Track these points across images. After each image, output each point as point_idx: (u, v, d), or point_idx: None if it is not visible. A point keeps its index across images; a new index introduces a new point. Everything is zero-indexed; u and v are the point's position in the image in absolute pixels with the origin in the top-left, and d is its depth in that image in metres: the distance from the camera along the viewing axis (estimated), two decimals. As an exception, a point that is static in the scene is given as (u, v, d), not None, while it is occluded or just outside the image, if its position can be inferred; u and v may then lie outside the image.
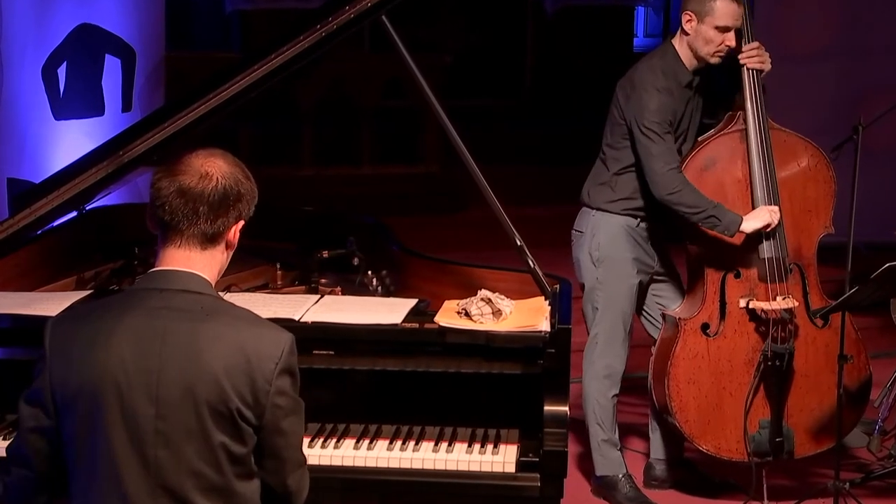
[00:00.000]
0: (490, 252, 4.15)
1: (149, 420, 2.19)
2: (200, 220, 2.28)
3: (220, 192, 2.29)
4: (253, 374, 2.22)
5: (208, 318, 2.25)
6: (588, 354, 4.32)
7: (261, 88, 3.25)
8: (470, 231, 6.60)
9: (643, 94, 4.08)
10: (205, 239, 2.30)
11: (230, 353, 2.22)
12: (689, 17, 4.10)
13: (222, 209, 2.30)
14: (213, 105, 3.24)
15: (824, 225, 4.25)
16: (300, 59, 3.23)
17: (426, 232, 6.33)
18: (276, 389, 2.24)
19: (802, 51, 6.79)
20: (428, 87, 3.26)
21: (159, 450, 2.19)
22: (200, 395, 2.19)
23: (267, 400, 2.23)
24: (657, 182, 4.05)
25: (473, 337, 3.00)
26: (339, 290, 3.53)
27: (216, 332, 2.23)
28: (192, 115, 3.24)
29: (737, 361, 4.17)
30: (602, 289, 4.25)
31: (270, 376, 2.23)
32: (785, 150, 4.20)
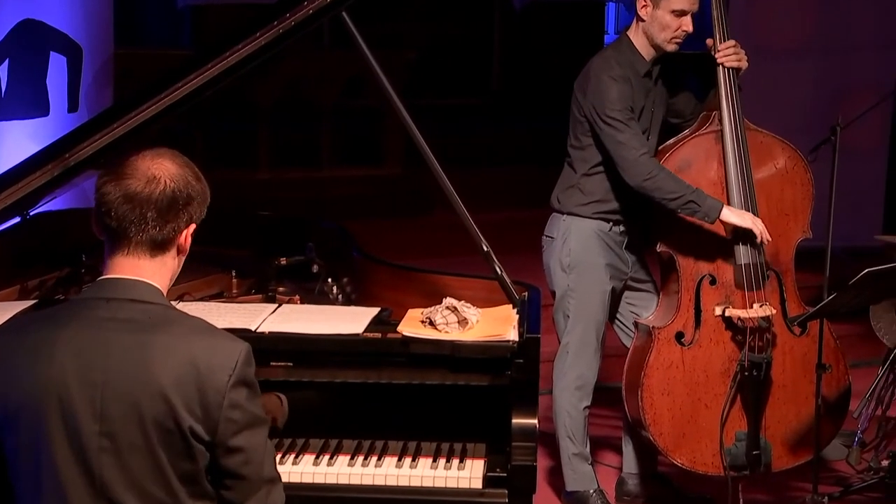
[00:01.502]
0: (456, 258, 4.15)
1: (93, 436, 2.18)
2: (149, 226, 2.27)
3: (168, 196, 2.28)
4: (204, 388, 2.20)
5: (157, 328, 2.23)
6: (558, 365, 4.34)
7: (215, 87, 3.24)
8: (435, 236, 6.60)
9: (600, 85, 4.09)
10: (154, 245, 2.29)
11: (180, 366, 2.20)
12: (644, 2, 4.13)
13: (172, 213, 2.29)
14: (165, 105, 3.22)
15: (802, 229, 4.29)
16: (256, 57, 3.22)
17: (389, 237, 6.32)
18: (230, 402, 2.22)
19: (779, 47, 6.84)
20: (390, 86, 3.26)
21: (104, 467, 2.18)
22: (147, 410, 2.18)
23: (219, 414, 2.21)
24: (630, 170, 4.06)
25: (438, 347, 3.01)
26: (298, 298, 3.52)
27: (165, 344, 2.22)
28: (143, 115, 3.22)
29: (712, 371, 4.20)
30: (573, 296, 4.27)
31: (223, 389, 2.21)
32: (761, 151, 4.24)
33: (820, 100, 6.80)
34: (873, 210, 7.03)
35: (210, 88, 3.24)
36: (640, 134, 4.11)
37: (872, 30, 6.98)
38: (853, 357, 4.89)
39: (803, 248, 4.31)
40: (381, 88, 3.26)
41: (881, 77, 6.87)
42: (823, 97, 6.81)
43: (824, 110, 6.47)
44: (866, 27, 6.96)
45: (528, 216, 5.75)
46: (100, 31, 5.98)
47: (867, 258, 4.57)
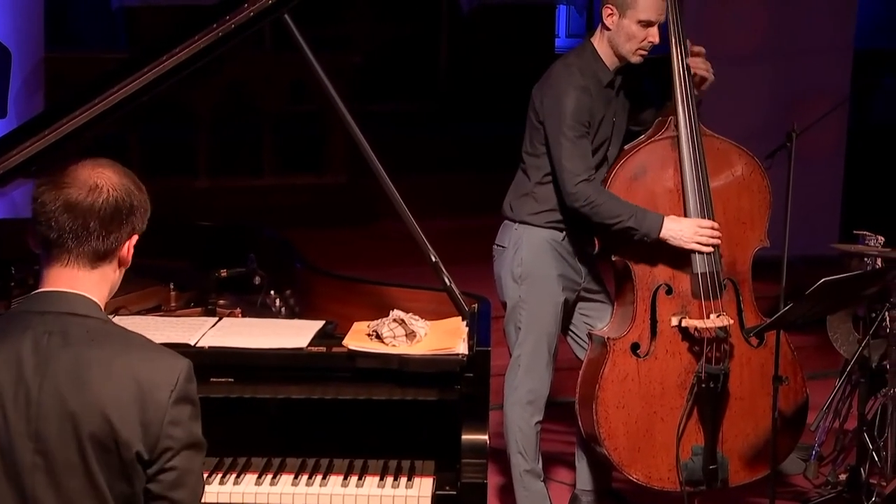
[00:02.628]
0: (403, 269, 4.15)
1: (27, 454, 2.16)
2: (91, 236, 2.25)
3: (111, 206, 2.26)
4: (144, 405, 2.19)
5: (95, 343, 2.21)
6: (510, 378, 4.34)
7: (152, 92, 3.22)
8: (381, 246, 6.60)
9: (558, 95, 4.11)
10: (96, 257, 2.27)
11: (119, 383, 2.19)
12: (610, 10, 4.15)
13: (115, 224, 2.27)
14: (100, 111, 3.20)
15: (760, 237, 4.33)
16: (195, 61, 3.21)
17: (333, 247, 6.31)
18: (171, 419, 2.21)
19: (734, 52, 6.91)
20: (335, 91, 3.26)
21: (37, 486, 2.16)
22: (84, 428, 2.16)
23: (160, 431, 2.20)
24: (569, 196, 4.09)
25: (385, 361, 3.00)
26: (239, 311, 3.50)
27: (104, 360, 2.20)
28: (76, 121, 3.19)
29: (669, 384, 4.23)
30: (525, 307, 4.28)
31: (165, 405, 2.20)
32: (718, 157, 4.27)
33: (775, 105, 6.87)
34: (830, 218, 7.11)
35: (146, 93, 3.22)
36: (588, 154, 4.12)
37: (827, 33, 7.07)
38: (810, 369, 4.95)
39: (760, 258, 4.35)
40: (325, 93, 3.26)
41: (837, 82, 6.97)
42: (779, 103, 6.88)
43: (780, 116, 6.54)
44: (821, 31, 7.05)
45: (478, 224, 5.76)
46: (29, 34, 5.92)
47: (824, 267, 4.62)
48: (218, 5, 3.22)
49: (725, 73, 6.79)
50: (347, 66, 7.84)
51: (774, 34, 6.99)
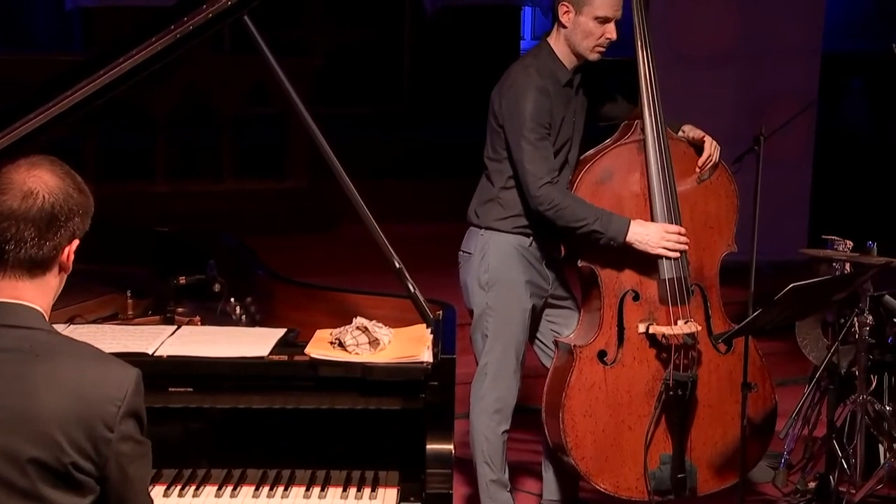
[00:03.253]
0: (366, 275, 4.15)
1: None
2: (27, 244, 2.21)
3: (47, 212, 2.22)
4: (91, 422, 2.16)
5: (40, 357, 2.17)
6: (476, 387, 4.35)
7: (108, 95, 3.21)
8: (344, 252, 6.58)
9: (517, 97, 4.12)
10: (34, 265, 2.23)
11: (65, 398, 2.15)
12: (566, 8, 4.17)
13: (52, 230, 2.23)
14: (54, 114, 3.18)
15: (727, 243, 4.36)
16: (153, 63, 3.20)
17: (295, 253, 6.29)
18: (120, 435, 2.18)
19: (701, 54, 6.95)
20: (295, 94, 3.26)
21: None
22: (28, 447, 2.12)
23: (109, 449, 2.17)
24: (533, 199, 4.10)
25: (348, 369, 3.00)
26: (198, 319, 3.49)
27: (49, 375, 2.16)
28: (30, 125, 3.17)
29: (636, 392, 4.24)
30: (492, 314, 4.28)
31: (112, 422, 2.17)
32: (685, 161, 4.30)
33: (743, 108, 6.92)
34: (798, 222, 7.16)
35: (103, 96, 3.20)
36: (550, 156, 4.14)
37: (795, 36, 7.12)
38: (779, 375, 4.98)
39: (728, 263, 4.38)
40: (286, 96, 3.26)
41: (804, 84, 7.02)
42: (746, 106, 6.93)
43: (747, 119, 6.59)
44: (789, 33, 7.11)
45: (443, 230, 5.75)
46: (-19, 35, 5.88)
47: (793, 273, 4.65)
48: (176, 6, 3.21)
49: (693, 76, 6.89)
50: (309, 68, 7.82)
51: (742, 36, 7.04)
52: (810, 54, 7.16)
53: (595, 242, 4.13)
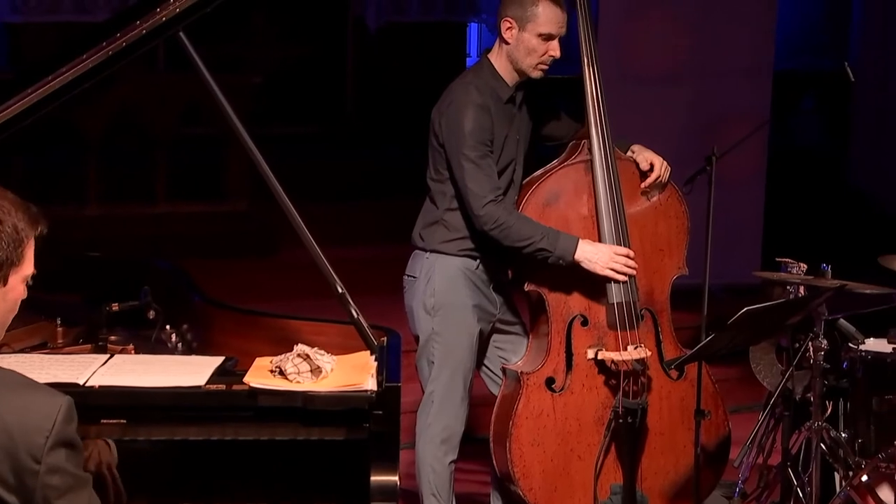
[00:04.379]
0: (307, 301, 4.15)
1: None
2: None
3: None
4: (16, 453, 2.13)
5: None
6: (422, 415, 4.35)
7: (36, 115, 3.19)
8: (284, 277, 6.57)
9: (457, 115, 4.14)
10: None
11: None
12: (508, 24, 4.20)
13: None
14: (-22, 134, 3.16)
15: (678, 265, 4.39)
16: (84, 81, 3.19)
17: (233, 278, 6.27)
18: (48, 467, 2.16)
19: (650, 74, 7.02)
20: (233, 113, 3.26)
21: None
22: None
23: (36, 482, 2.15)
24: (478, 218, 4.12)
25: (289, 399, 2.99)
26: (132, 348, 3.47)
27: None
28: (-46, 145, 3.15)
29: (585, 420, 4.26)
30: (439, 340, 4.29)
31: (39, 453, 2.15)
32: (633, 182, 4.33)
33: (694, 128, 6.98)
34: (751, 245, 7.23)
35: (31, 116, 3.19)
36: (493, 174, 4.16)
37: (746, 54, 7.21)
38: (732, 402, 5.02)
39: (679, 286, 4.41)
40: (224, 116, 3.26)
41: (756, 104, 7.11)
42: (697, 125, 7.00)
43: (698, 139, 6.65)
44: (740, 52, 7.19)
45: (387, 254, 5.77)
46: None
47: (746, 296, 4.69)
48: (108, 22, 3.21)
49: (643, 95, 6.96)
50: (247, 86, 7.81)
51: (692, 55, 7.11)
52: (761, 73, 7.25)
53: (543, 262, 4.15)
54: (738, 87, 7.17)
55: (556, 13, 4.16)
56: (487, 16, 10.01)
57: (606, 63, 4.37)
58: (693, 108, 7.12)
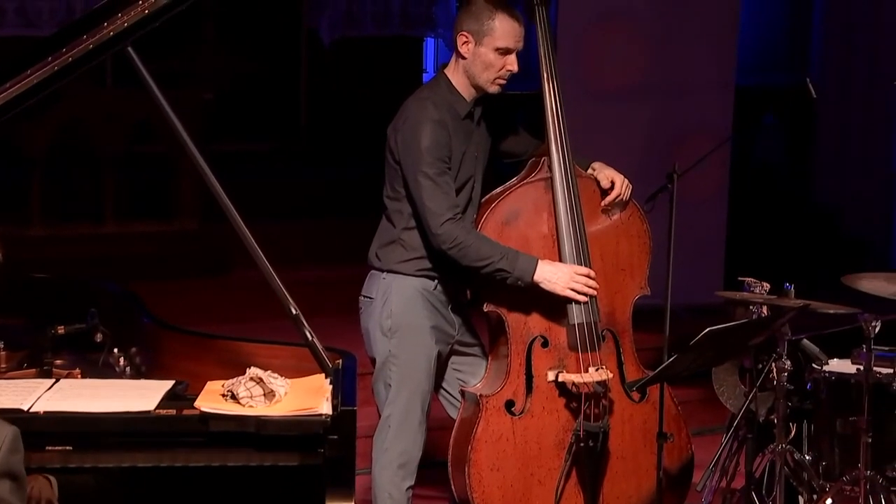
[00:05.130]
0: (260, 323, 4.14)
1: None
2: None
3: None
4: None
5: None
6: (379, 440, 4.34)
7: (-22, 132, 3.18)
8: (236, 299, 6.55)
9: (413, 131, 4.15)
10: None
11: None
12: (465, 38, 4.21)
13: None
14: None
15: (640, 285, 4.41)
16: (27, 98, 3.17)
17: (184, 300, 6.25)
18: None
19: (610, 89, 7.06)
20: (183, 129, 3.25)
21: None
22: None
23: None
24: (435, 238, 4.13)
25: (242, 423, 2.98)
26: (79, 372, 3.45)
27: None
28: None
29: (546, 443, 4.27)
30: (396, 363, 4.28)
31: None
32: (594, 200, 4.35)
33: (655, 145, 7.03)
34: (714, 264, 7.28)
35: (-27, 132, 3.17)
36: (451, 192, 4.16)
37: (708, 70, 7.27)
38: (695, 424, 5.05)
39: (641, 307, 4.43)
40: (173, 132, 3.25)
41: (718, 120, 7.16)
42: (659, 142, 7.04)
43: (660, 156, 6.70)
44: (702, 68, 7.25)
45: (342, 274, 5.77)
46: None
47: (708, 316, 4.72)
48: (54, 36, 3.20)
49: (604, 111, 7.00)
50: (197, 102, 7.78)
51: (653, 71, 7.16)
52: (723, 89, 7.31)
53: (501, 283, 4.16)
54: (700, 104, 7.23)
55: (514, 27, 4.18)
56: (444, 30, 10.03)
57: (566, 78, 4.39)
58: (654, 125, 7.17)
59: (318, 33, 9.99)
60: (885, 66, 8.69)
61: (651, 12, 7.14)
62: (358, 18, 10.01)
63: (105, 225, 7.94)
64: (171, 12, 3.26)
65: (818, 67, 9.20)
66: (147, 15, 3.23)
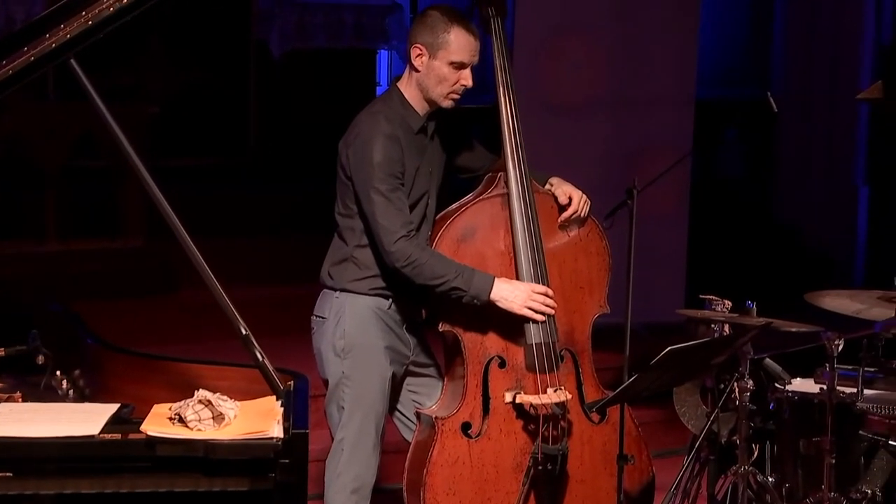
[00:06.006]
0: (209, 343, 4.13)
1: None
2: None
3: None
4: None
5: None
6: (332, 464, 4.33)
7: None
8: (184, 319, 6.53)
9: (364, 146, 4.15)
10: None
11: None
12: (419, 50, 4.22)
13: None
14: None
15: (599, 304, 4.43)
16: (-33, 111, 3.15)
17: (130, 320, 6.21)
18: None
19: (570, 102, 7.10)
20: (129, 144, 3.24)
21: None
22: None
23: None
24: (388, 255, 4.13)
25: (190, 448, 2.97)
26: (19, 395, 3.42)
27: None
28: None
29: (503, 467, 4.27)
30: (349, 384, 4.27)
31: None
32: (552, 217, 4.36)
33: (614, 160, 7.07)
34: (675, 281, 7.33)
35: None
36: (405, 208, 4.17)
37: (668, 84, 7.32)
38: (656, 446, 5.06)
39: (600, 326, 4.44)
40: (118, 147, 3.23)
41: (678, 135, 7.21)
42: (618, 157, 7.09)
43: (619, 171, 6.74)
44: (662, 81, 7.30)
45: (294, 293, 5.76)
46: None
47: (669, 335, 4.75)
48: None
49: (562, 126, 7.04)
50: (143, 116, 7.76)
51: (612, 84, 7.21)
52: (683, 102, 7.37)
53: (457, 302, 4.16)
54: (660, 117, 7.28)
55: (469, 41, 4.19)
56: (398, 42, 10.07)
57: (523, 92, 4.41)
58: (613, 139, 7.21)
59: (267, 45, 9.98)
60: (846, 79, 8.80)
61: (610, 24, 7.19)
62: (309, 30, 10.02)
63: (47, 243, 7.89)
64: (116, 24, 3.25)
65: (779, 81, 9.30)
66: (91, 26, 3.22)
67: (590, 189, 4.43)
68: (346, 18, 10.12)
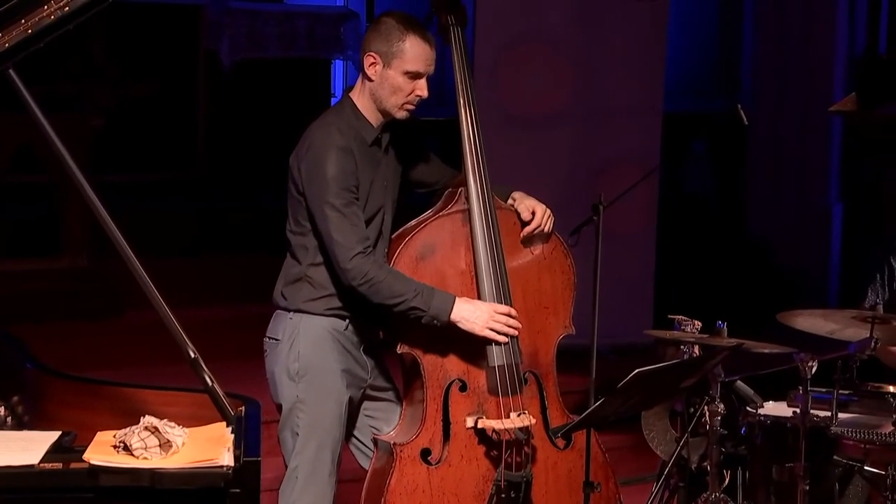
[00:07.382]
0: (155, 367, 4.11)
1: None
2: None
3: None
4: None
5: None
6: (285, 493, 4.31)
7: None
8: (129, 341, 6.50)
9: (317, 160, 4.15)
10: None
11: None
12: (372, 59, 4.22)
13: None
14: None
15: (563, 324, 4.43)
16: None
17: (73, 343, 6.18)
18: None
19: (532, 114, 7.11)
20: (70, 158, 3.23)
21: None
22: None
23: None
24: (345, 273, 4.12)
25: (135, 477, 2.96)
26: (-45, 423, 3.40)
27: None
28: None
29: (464, 494, 4.27)
30: (304, 409, 4.26)
31: None
32: (515, 234, 4.37)
33: (579, 173, 7.09)
34: (642, 301, 7.35)
35: None
36: (360, 223, 4.16)
37: (635, 95, 7.35)
38: (624, 473, 5.08)
39: (565, 347, 4.45)
40: (59, 161, 3.22)
41: (645, 148, 7.24)
42: (583, 170, 7.10)
43: (584, 185, 6.76)
44: (628, 92, 7.33)
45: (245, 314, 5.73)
46: None
47: (637, 356, 4.77)
48: (-71, 58, 3.16)
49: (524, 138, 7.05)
50: (86, 128, 7.74)
51: (576, 95, 7.23)
52: (650, 114, 7.40)
53: (416, 322, 4.16)
54: (626, 130, 7.30)
55: (425, 50, 4.19)
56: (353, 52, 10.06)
57: (484, 103, 4.43)
58: (578, 152, 7.22)
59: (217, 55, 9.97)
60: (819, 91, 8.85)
61: (573, 33, 7.21)
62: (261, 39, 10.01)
63: (-16, 262, 7.84)
64: (57, 32, 3.24)
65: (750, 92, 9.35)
66: (30, 35, 3.20)
67: (554, 204, 4.43)
68: (300, 27, 10.11)
